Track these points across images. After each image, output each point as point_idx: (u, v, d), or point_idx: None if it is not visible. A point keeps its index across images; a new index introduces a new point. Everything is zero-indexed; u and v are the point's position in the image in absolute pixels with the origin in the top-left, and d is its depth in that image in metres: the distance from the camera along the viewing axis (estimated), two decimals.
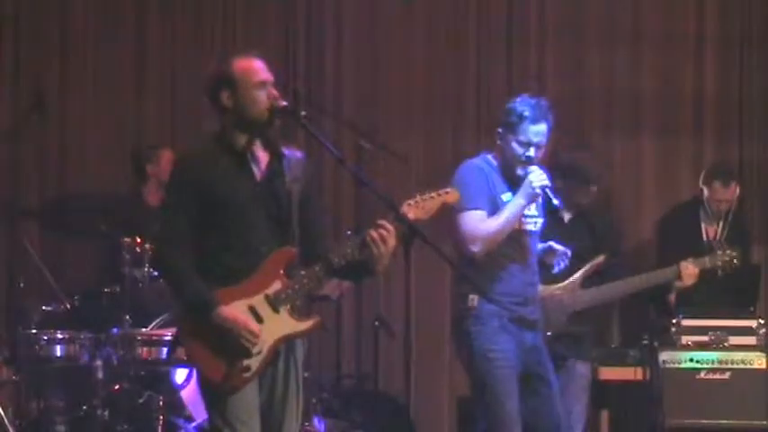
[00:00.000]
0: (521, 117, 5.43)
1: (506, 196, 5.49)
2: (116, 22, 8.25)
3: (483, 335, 5.44)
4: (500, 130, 5.51)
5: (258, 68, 4.62)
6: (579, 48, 8.35)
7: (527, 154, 5.45)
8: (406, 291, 6.88)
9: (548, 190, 5.44)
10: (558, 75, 8.30)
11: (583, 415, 6.60)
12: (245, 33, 8.24)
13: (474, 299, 5.45)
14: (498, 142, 5.53)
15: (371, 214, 4.68)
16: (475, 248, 5.41)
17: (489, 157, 5.57)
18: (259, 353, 4.52)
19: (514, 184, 5.50)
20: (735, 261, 6.72)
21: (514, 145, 5.46)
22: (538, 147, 5.47)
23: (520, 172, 5.47)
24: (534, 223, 5.60)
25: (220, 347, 4.49)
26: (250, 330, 4.49)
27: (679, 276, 6.57)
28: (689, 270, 6.54)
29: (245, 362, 4.51)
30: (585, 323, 6.55)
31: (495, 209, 5.47)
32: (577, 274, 6.32)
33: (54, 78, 8.12)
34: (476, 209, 5.43)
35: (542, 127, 5.46)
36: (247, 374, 4.52)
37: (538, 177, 5.42)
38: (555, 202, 5.54)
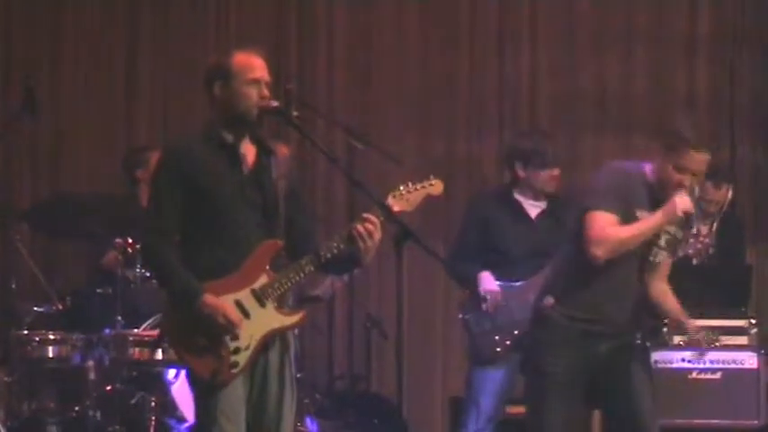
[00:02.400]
0: (681, 140, 5.11)
1: (642, 213, 5.13)
2: (108, 21, 8.25)
3: (545, 344, 5.25)
4: (663, 149, 5.13)
5: (256, 66, 4.61)
6: (571, 48, 8.35)
7: (683, 182, 5.10)
8: (398, 291, 6.86)
9: (691, 218, 5.16)
10: (550, 75, 8.30)
11: None
12: (238, 31, 8.23)
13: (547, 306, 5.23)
14: (658, 161, 5.15)
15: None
16: (598, 252, 5.05)
17: (647, 168, 5.21)
18: (247, 348, 4.52)
19: (659, 205, 5.13)
20: (706, 243, 6.55)
21: (671, 170, 5.09)
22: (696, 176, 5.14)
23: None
24: (655, 254, 5.24)
25: (206, 343, 4.49)
26: (230, 319, 4.47)
27: None
28: None
29: (233, 357, 4.50)
30: None
31: (624, 220, 5.11)
32: (544, 272, 6.19)
33: (45, 78, 8.11)
34: (607, 210, 5.07)
35: (705, 156, 5.12)
36: (235, 370, 4.51)
37: (684, 201, 5.09)
38: (693, 231, 5.30)
